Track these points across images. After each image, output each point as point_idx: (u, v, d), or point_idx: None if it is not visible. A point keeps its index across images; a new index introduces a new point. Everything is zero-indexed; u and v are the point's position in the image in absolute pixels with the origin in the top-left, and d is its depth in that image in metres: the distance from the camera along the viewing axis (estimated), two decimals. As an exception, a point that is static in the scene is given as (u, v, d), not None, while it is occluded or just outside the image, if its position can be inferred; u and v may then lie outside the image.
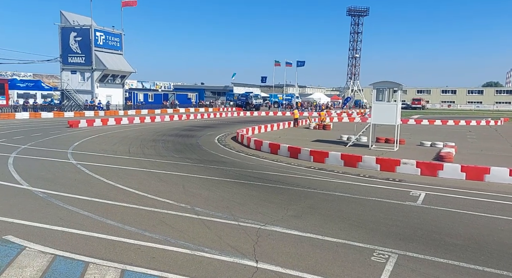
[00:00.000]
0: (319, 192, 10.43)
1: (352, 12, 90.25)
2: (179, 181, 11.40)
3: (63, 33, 47.13)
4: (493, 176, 12.24)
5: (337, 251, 6.38)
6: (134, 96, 59.07)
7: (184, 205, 8.83)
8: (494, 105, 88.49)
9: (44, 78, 74.63)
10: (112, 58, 49.40)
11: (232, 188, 10.64)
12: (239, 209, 8.66)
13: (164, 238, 6.74)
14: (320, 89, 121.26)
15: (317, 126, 31.11)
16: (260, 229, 7.34)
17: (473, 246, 6.74)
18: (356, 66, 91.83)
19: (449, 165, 13.16)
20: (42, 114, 39.51)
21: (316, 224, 7.71)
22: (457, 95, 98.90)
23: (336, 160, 14.88)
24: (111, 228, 7.24)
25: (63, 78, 48.22)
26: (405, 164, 13.49)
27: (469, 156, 17.28)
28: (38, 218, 7.69)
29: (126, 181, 11.21)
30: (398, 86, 18.42)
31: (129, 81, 73.36)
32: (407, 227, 7.68)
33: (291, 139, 22.73)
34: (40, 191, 9.75)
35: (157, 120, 37.50)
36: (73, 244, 6.39)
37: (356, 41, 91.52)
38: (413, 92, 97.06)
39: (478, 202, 9.84)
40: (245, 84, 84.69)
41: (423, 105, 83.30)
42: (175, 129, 28.83)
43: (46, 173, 12.12)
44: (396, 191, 10.80)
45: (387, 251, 6.40)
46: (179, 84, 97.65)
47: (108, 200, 9.10)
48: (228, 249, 6.34)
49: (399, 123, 19.00)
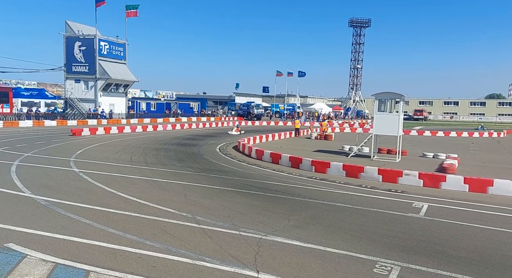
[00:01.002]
0: (320, 202, 10.39)
1: (354, 23, 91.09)
2: (181, 190, 11.39)
3: (68, 43, 47.59)
4: (496, 188, 12.18)
5: (339, 262, 6.33)
6: (137, 105, 59.39)
7: (185, 214, 8.81)
8: (497, 117, 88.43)
9: (48, 87, 75.19)
10: (116, 67, 49.77)
11: (234, 197, 10.62)
12: (241, 218, 8.63)
13: (165, 247, 6.72)
14: (322, 99, 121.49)
15: (318, 136, 31.11)
16: (261, 239, 7.31)
17: (477, 259, 6.68)
18: (358, 76, 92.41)
19: (452, 177, 13.11)
20: (45, 122, 39.65)
21: (318, 235, 7.67)
22: (460, 106, 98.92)
23: (338, 170, 14.85)
24: (112, 236, 7.22)
25: (67, 87, 48.51)
26: (407, 175, 13.44)
27: (472, 167, 17.22)
28: (40, 225, 7.68)
29: (127, 189, 11.21)
30: (400, 97, 18.45)
31: (132, 90, 73.73)
32: (409, 239, 7.63)
33: (293, 148, 22.73)
34: (42, 199, 9.76)
35: (159, 129, 37.58)
36: (74, 252, 6.37)
37: (358, 52, 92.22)
38: (415, 103, 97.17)
39: (481, 214, 9.78)
40: (247, 94, 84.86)
41: (425, 117, 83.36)
42: (177, 138, 28.88)
43: (48, 180, 12.14)
44: (398, 202, 10.75)
45: (389, 263, 6.35)
46: (182, 93, 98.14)
47: (110, 208, 9.09)
48: (229, 259, 6.30)
49: (401, 134, 18.99)
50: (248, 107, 63.51)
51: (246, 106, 64.68)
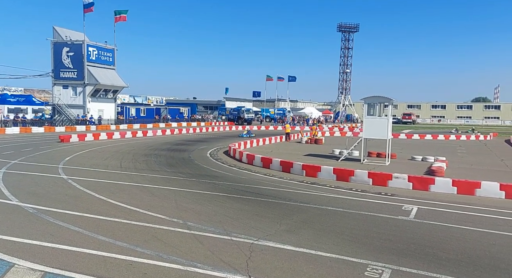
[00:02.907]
0: (312, 206, 10.42)
1: (342, 28, 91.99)
2: (172, 196, 11.32)
3: (56, 48, 47.15)
4: (484, 190, 12.35)
5: (330, 266, 6.35)
6: (126, 110, 58.96)
7: (176, 220, 8.76)
8: (483, 120, 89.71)
9: (36, 93, 74.20)
10: (105, 73, 49.42)
11: (225, 203, 10.59)
12: (232, 223, 8.61)
13: (156, 254, 6.67)
14: (312, 103, 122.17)
15: (309, 140, 31.24)
16: (253, 244, 7.30)
17: (466, 261, 6.76)
18: (347, 81, 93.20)
19: (440, 179, 13.26)
20: (32, 129, 39.11)
21: (309, 239, 7.69)
22: (447, 110, 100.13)
23: (328, 174, 14.92)
24: (102, 243, 7.14)
25: (55, 93, 48.01)
26: (397, 178, 13.56)
27: (459, 170, 17.44)
28: (28, 234, 7.56)
29: (117, 195, 11.11)
30: (389, 101, 18.65)
31: (121, 95, 73.27)
32: (400, 242, 7.68)
33: (283, 153, 22.78)
34: (30, 207, 9.61)
35: (149, 135, 37.36)
36: (63, 261, 6.28)
37: (347, 56, 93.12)
38: (403, 107, 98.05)
39: (469, 216, 9.90)
40: (237, 98, 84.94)
41: (414, 120, 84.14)
42: (167, 143, 28.74)
43: (36, 188, 11.97)
44: (388, 205, 10.83)
45: (380, 266, 6.39)
46: (172, 98, 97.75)
47: (99, 215, 8.99)
48: (221, 265, 6.28)
49: (390, 138, 19.17)
50: (238, 112, 63.55)
51: (236, 111, 64.71)
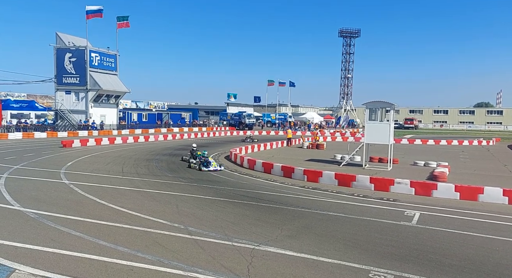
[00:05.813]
0: (313, 212, 10.38)
1: (344, 33, 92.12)
2: (173, 201, 11.31)
3: (58, 54, 47.38)
4: (486, 196, 12.29)
5: (332, 272, 6.31)
6: (128, 116, 59.07)
7: (177, 225, 8.74)
8: (485, 126, 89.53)
9: (38, 99, 74.56)
10: (107, 78, 49.60)
11: (226, 208, 10.57)
12: (233, 228, 8.58)
13: (157, 259, 6.64)
14: (313, 108, 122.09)
15: (310, 145, 31.20)
16: (254, 249, 7.26)
17: (470, 267, 6.71)
18: (348, 86, 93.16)
19: (443, 185, 13.21)
20: (35, 134, 39.16)
21: (311, 244, 7.65)
22: (449, 115, 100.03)
23: (330, 179, 14.88)
24: (104, 249, 7.12)
25: (58, 98, 48.18)
26: (399, 184, 13.51)
27: (462, 175, 17.37)
28: (29, 239, 7.55)
29: (119, 200, 11.10)
30: (391, 106, 18.64)
31: (123, 101, 73.43)
32: (402, 247, 7.64)
33: (285, 158, 22.75)
34: (32, 212, 9.61)
35: (151, 140, 37.39)
36: (64, 266, 6.27)
37: (348, 61, 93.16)
38: (405, 112, 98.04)
39: (472, 222, 9.85)
40: (239, 104, 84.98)
41: (416, 125, 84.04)
42: (168, 148, 28.75)
43: (38, 193, 11.97)
44: (390, 211, 10.79)
45: (383, 272, 6.35)
46: (173, 104, 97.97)
47: (101, 220, 8.98)
48: (222, 270, 6.25)
49: (392, 143, 19.13)
50: (239, 117, 63.63)
51: (237, 116, 64.80)
